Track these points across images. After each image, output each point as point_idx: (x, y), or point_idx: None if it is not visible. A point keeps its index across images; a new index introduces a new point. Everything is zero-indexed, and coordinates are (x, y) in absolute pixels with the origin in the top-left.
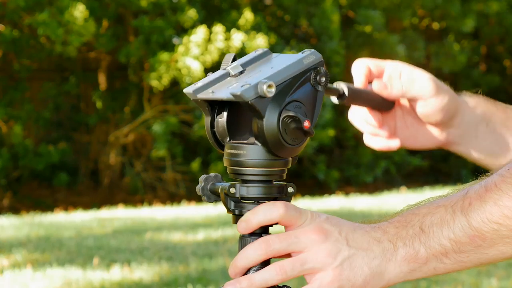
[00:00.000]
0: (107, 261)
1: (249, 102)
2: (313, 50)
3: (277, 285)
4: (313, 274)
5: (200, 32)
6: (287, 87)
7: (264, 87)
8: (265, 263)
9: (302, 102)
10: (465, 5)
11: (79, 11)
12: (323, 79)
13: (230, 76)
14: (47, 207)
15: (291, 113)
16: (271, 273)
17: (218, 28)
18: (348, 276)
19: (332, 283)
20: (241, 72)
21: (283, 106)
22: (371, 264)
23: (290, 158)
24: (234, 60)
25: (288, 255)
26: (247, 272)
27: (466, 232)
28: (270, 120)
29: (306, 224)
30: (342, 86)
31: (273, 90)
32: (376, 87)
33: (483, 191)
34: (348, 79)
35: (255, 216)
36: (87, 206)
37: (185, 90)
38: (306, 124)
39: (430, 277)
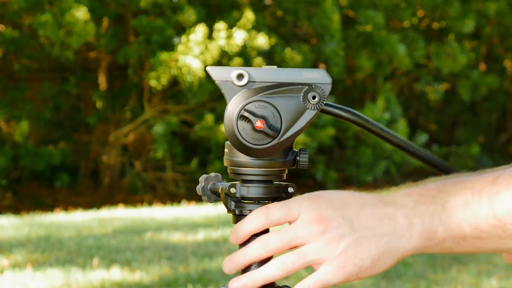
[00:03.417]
0: (107, 261)
1: (215, 81)
2: (324, 70)
3: (277, 285)
4: (317, 265)
5: (200, 30)
6: (267, 88)
7: (234, 72)
8: (268, 258)
9: (277, 108)
10: (465, 5)
11: (81, 13)
12: (315, 99)
13: None
14: (47, 207)
15: (249, 108)
16: (272, 269)
17: (220, 25)
18: (354, 261)
19: (337, 271)
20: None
21: (249, 101)
22: (379, 243)
23: (290, 158)
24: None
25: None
26: (247, 269)
27: (489, 220)
28: (231, 109)
29: (304, 214)
30: None
31: (244, 80)
32: None
33: None
34: (348, 79)
35: (243, 227)
36: (87, 206)
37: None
38: (259, 124)
39: (444, 253)
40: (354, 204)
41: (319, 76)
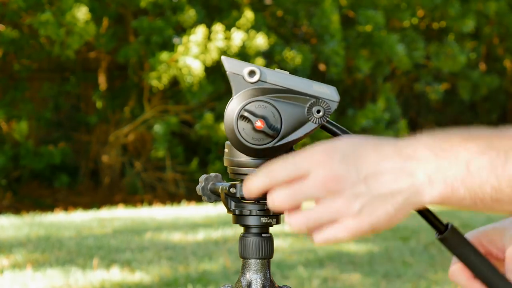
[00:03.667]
0: (107, 261)
1: (227, 72)
2: (335, 88)
3: (277, 285)
4: (331, 223)
5: (200, 31)
6: (275, 91)
7: (247, 68)
8: None
9: (278, 109)
10: (465, 5)
11: (82, 13)
12: (319, 113)
13: None
14: (47, 207)
15: (249, 108)
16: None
17: (218, 27)
18: (370, 220)
19: (351, 229)
20: None
21: (250, 101)
22: (396, 200)
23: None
24: None
25: None
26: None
27: (511, 183)
28: (231, 109)
29: (315, 172)
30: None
31: (255, 78)
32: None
33: None
34: (348, 79)
35: (247, 189)
36: (87, 206)
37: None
38: (259, 124)
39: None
40: (371, 158)
41: (328, 92)
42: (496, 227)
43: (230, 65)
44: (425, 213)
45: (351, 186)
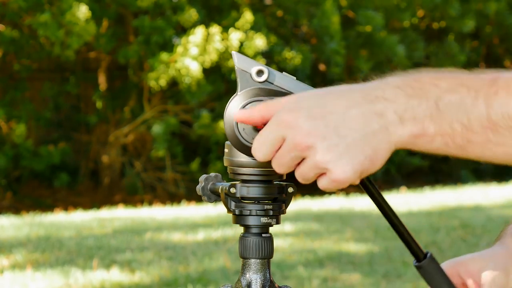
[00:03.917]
0: (107, 261)
1: (236, 66)
2: None
3: (277, 285)
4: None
5: (199, 32)
6: (280, 94)
7: (256, 67)
8: None
9: None
10: (465, 5)
11: (82, 13)
12: None
13: None
14: (47, 207)
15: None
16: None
17: (215, 29)
18: (353, 167)
19: (338, 180)
20: None
21: (250, 101)
22: (372, 142)
23: None
24: None
25: None
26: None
27: (482, 122)
28: (231, 109)
29: (288, 135)
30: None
31: (262, 78)
32: None
33: None
34: (348, 79)
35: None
36: (87, 206)
37: None
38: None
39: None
40: (338, 108)
41: None
42: (475, 257)
43: (240, 61)
44: (406, 239)
45: (322, 140)
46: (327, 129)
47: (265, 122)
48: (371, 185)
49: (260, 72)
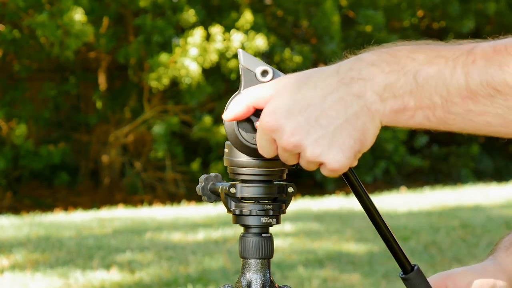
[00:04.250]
0: (107, 261)
1: (241, 64)
2: None
3: (278, 285)
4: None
5: (198, 33)
6: None
7: (261, 67)
8: None
9: None
10: (465, 5)
11: (78, 15)
12: None
13: None
14: (47, 207)
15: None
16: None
17: (216, 29)
18: (344, 154)
19: (335, 168)
20: None
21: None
22: (356, 124)
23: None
24: None
25: None
26: None
27: (461, 92)
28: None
29: (276, 137)
30: None
31: (266, 78)
32: None
33: (491, 51)
34: None
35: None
36: (87, 206)
37: None
38: (258, 124)
39: (413, 128)
40: (315, 98)
41: None
42: (465, 271)
43: (245, 60)
44: (395, 251)
45: (307, 136)
46: (309, 124)
47: (254, 112)
48: (354, 178)
49: (265, 73)
